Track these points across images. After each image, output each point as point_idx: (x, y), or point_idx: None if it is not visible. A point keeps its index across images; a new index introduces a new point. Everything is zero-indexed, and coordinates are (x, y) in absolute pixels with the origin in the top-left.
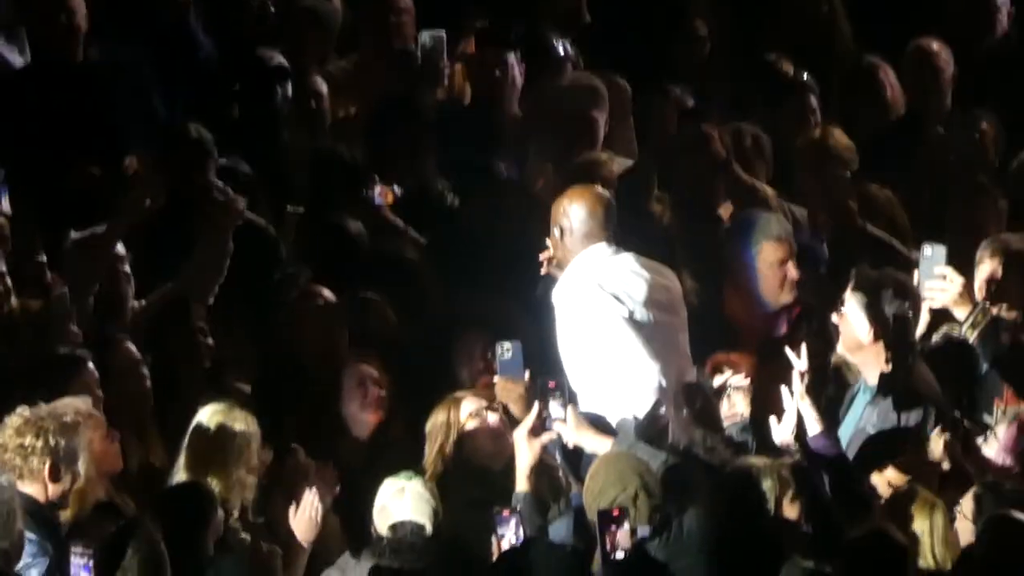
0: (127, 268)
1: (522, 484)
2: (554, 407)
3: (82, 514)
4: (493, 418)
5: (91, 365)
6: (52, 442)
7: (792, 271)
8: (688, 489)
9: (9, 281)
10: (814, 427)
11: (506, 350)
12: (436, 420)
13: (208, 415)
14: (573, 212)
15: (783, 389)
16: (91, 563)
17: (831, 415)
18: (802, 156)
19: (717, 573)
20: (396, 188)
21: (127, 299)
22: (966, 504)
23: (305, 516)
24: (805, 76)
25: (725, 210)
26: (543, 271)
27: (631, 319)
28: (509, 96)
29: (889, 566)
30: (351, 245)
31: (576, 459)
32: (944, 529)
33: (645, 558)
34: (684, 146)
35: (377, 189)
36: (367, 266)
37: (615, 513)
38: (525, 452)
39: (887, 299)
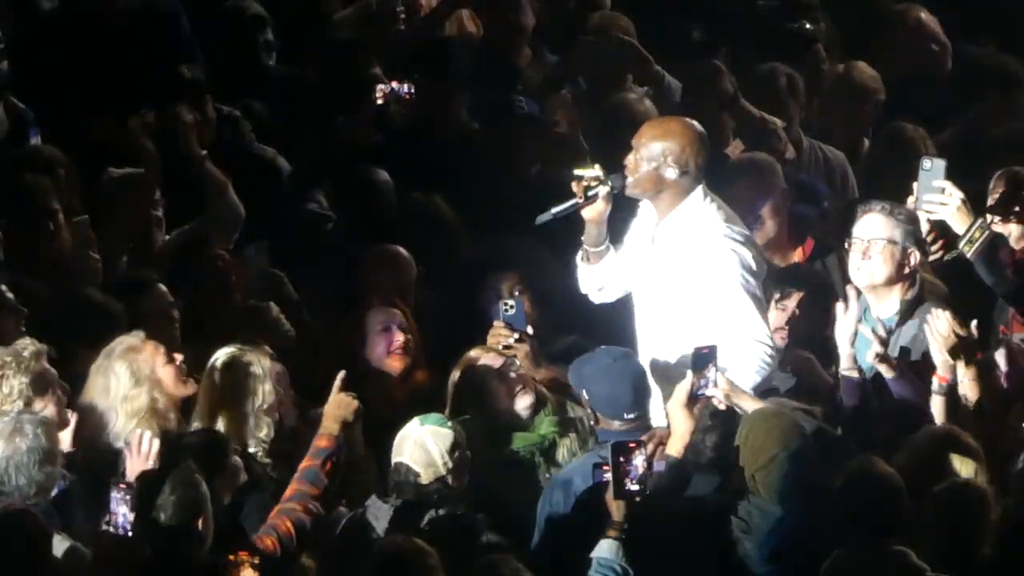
0: (160, 212)
1: (676, 449)
2: (709, 372)
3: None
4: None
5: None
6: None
7: None
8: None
9: (62, 218)
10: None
11: (509, 307)
12: (452, 379)
13: (222, 355)
14: (698, 151)
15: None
16: (130, 497)
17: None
18: (829, 91)
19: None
20: (406, 87)
21: (157, 243)
22: None
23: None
24: (807, 25)
25: (735, 148)
26: (591, 194)
27: (755, 294)
28: (522, 35)
29: (876, 502)
30: (379, 196)
31: None
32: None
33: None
34: (693, 82)
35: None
36: (395, 218)
37: (631, 444)
38: (683, 420)
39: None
